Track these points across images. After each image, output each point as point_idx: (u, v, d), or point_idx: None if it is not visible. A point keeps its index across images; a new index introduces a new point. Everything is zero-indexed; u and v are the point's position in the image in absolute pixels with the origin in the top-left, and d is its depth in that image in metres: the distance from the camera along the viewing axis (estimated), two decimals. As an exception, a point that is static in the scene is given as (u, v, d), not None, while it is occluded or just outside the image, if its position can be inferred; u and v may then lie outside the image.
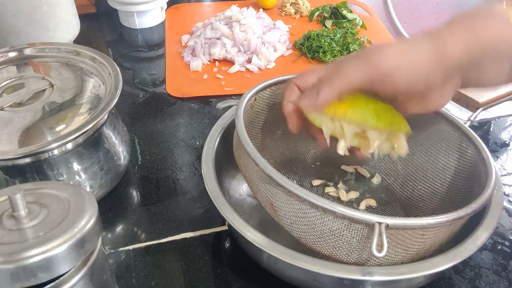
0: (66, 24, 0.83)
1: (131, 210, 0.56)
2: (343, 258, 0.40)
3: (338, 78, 0.40)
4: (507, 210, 0.57)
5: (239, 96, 0.69)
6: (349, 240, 0.38)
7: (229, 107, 0.55)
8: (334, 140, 0.45)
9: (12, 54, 0.60)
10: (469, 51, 0.38)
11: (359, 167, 0.60)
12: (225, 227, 0.53)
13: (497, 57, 0.38)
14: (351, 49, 0.86)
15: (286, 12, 1.04)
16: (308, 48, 0.87)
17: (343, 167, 0.60)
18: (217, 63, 0.85)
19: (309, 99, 0.41)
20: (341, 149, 0.44)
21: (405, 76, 0.38)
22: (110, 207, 0.56)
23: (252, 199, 0.56)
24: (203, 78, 0.81)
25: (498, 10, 0.38)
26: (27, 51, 0.61)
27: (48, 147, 0.46)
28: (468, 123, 0.53)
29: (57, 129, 0.49)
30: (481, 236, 0.41)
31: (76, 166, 0.51)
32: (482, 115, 0.64)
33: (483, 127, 0.72)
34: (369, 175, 0.59)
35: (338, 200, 0.56)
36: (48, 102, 0.52)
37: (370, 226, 0.37)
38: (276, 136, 0.58)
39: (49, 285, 0.32)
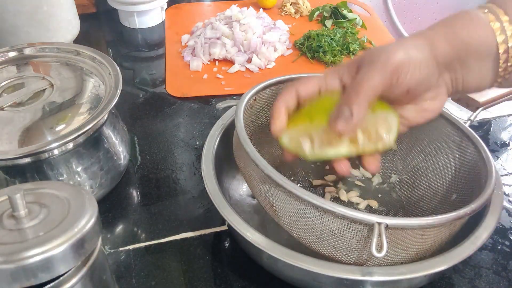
0: (66, 24, 0.83)
1: (131, 210, 0.56)
2: (343, 258, 0.40)
3: (362, 89, 0.39)
4: (507, 210, 0.57)
5: (239, 96, 0.69)
6: (349, 240, 0.38)
7: (229, 107, 0.55)
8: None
9: (12, 54, 0.60)
10: (453, 47, 0.39)
11: (360, 167, 0.60)
12: (225, 227, 0.53)
13: (479, 57, 0.39)
14: (351, 49, 0.86)
15: (286, 12, 1.04)
16: (308, 48, 0.87)
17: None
18: (217, 63, 0.85)
19: (346, 121, 0.39)
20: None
21: (414, 70, 0.39)
22: (110, 207, 0.56)
23: (252, 199, 0.56)
24: (203, 78, 0.81)
25: (475, 13, 0.39)
26: (27, 51, 0.61)
27: (48, 147, 0.46)
28: (468, 123, 0.53)
29: (57, 129, 0.49)
30: (481, 236, 0.41)
31: (76, 166, 0.51)
32: (482, 115, 0.64)
33: (483, 127, 0.72)
34: (369, 175, 0.59)
35: (338, 200, 0.56)
36: (48, 102, 0.52)
37: (370, 226, 0.37)
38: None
39: (49, 285, 0.32)
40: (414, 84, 0.40)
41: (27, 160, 0.47)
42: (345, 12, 0.99)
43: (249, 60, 0.84)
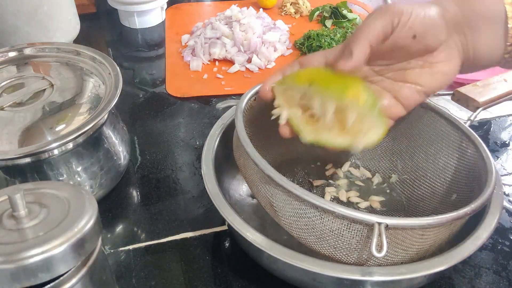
0: (66, 24, 0.83)
1: (131, 210, 0.56)
2: (343, 258, 0.40)
3: (362, 32, 0.40)
4: (507, 210, 0.57)
5: (239, 96, 0.69)
6: (349, 240, 0.38)
7: (229, 107, 0.55)
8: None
9: (12, 54, 0.60)
10: (461, 8, 0.40)
11: (360, 167, 0.60)
12: (225, 227, 0.53)
13: (487, 21, 0.40)
14: (351, 49, 0.86)
15: (286, 12, 1.04)
16: (308, 48, 0.87)
17: (343, 167, 0.60)
18: (217, 63, 0.85)
19: (346, 60, 0.40)
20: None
21: (416, 13, 0.40)
22: (110, 207, 0.56)
23: (252, 199, 0.56)
24: (203, 78, 0.81)
25: None
26: (27, 51, 0.61)
27: (48, 147, 0.46)
28: (468, 123, 0.53)
29: (57, 129, 0.49)
30: (481, 236, 0.41)
31: (76, 166, 0.51)
32: (482, 115, 0.64)
33: (483, 127, 0.72)
34: (369, 175, 0.59)
35: (338, 200, 0.56)
36: (48, 102, 0.52)
37: (370, 226, 0.37)
38: (276, 136, 0.58)
39: (49, 285, 0.32)
40: (419, 26, 0.40)
41: (27, 160, 0.47)
42: (345, 12, 0.99)
43: (249, 60, 0.84)
